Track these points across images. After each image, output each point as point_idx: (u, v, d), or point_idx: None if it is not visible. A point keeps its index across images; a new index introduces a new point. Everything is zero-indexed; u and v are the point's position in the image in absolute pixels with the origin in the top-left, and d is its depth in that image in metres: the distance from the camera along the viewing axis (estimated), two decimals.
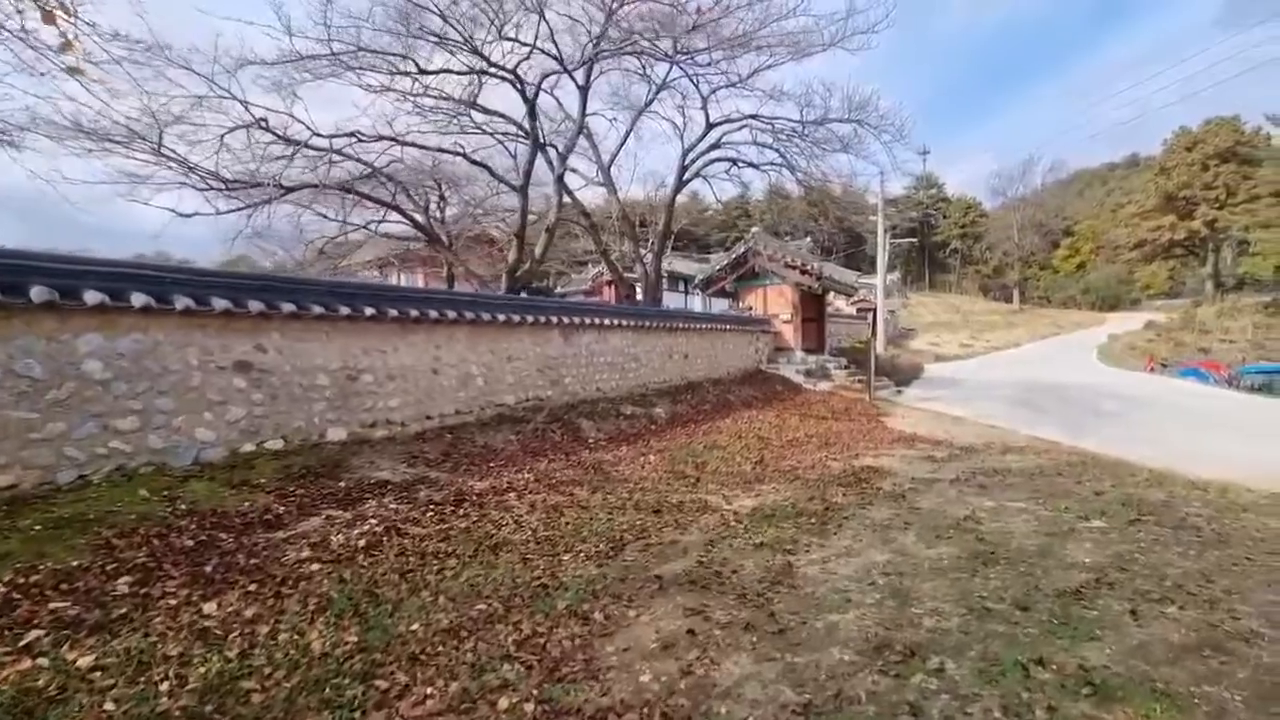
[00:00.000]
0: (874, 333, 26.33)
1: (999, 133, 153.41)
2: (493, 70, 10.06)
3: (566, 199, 14.16)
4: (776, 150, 13.93)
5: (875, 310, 27.53)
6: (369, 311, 6.51)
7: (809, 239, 43.60)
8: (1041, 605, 3.65)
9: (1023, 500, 6.01)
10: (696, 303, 31.20)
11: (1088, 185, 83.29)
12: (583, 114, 11.90)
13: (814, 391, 15.90)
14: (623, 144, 14.46)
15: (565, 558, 4.49)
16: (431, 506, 5.21)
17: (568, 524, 5.16)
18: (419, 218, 11.79)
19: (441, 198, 17.26)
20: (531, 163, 11.36)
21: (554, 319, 9.37)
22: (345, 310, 6.28)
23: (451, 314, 7.51)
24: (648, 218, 19.41)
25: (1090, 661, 3.01)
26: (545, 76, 10.56)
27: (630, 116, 14.29)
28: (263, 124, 9.87)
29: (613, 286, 21.89)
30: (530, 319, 8.87)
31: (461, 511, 5.20)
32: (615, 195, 14.57)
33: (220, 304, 5.31)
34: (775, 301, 18.64)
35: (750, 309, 18.74)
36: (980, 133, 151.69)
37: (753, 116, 13.47)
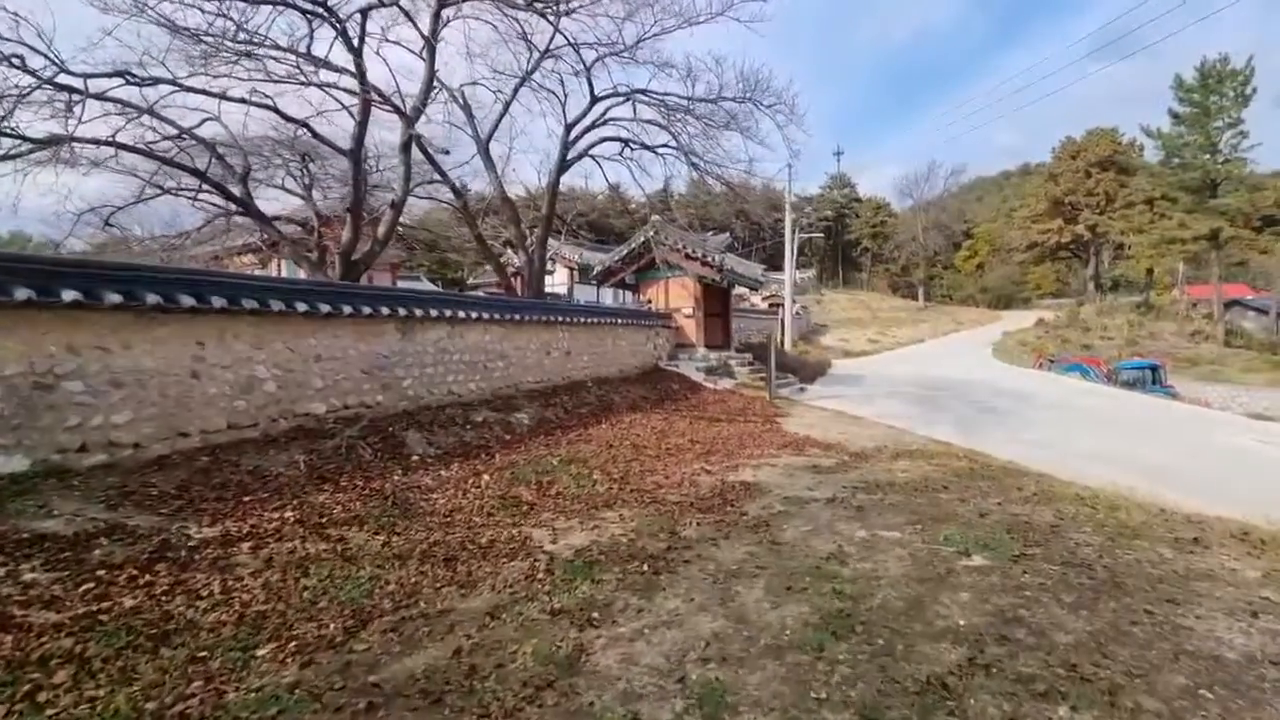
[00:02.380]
0: (782, 328, 26.08)
1: (906, 141, 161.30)
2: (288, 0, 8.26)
3: (437, 177, 12.53)
4: (668, 130, 12.84)
5: (782, 306, 27.25)
6: (69, 296, 4.79)
7: (727, 234, 43.46)
8: (895, 713, 2.61)
9: (900, 527, 5.11)
10: (608, 296, 30.04)
11: (986, 192, 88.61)
12: (430, 69, 10.24)
13: (713, 390, 15.03)
14: (502, 116, 12.90)
15: (263, 651, 3.10)
16: (99, 573, 3.65)
17: (306, 589, 3.76)
18: (235, 189, 9.79)
19: (305, 170, 15.12)
20: (363, 124, 9.66)
21: (387, 310, 7.83)
22: (24, 294, 4.56)
23: (220, 301, 5.85)
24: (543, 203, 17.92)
25: None
26: (366, 11, 8.81)
27: (513, 86, 12.81)
28: (14, 60, 7.73)
29: (517, 278, 20.17)
30: (350, 310, 7.29)
31: (146, 579, 3.68)
32: (494, 173, 13.01)
33: None
34: (677, 295, 17.66)
35: (649, 302, 17.68)
36: (890, 140, 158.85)
37: (641, 91, 12.30)
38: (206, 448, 5.72)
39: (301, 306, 6.67)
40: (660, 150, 13.52)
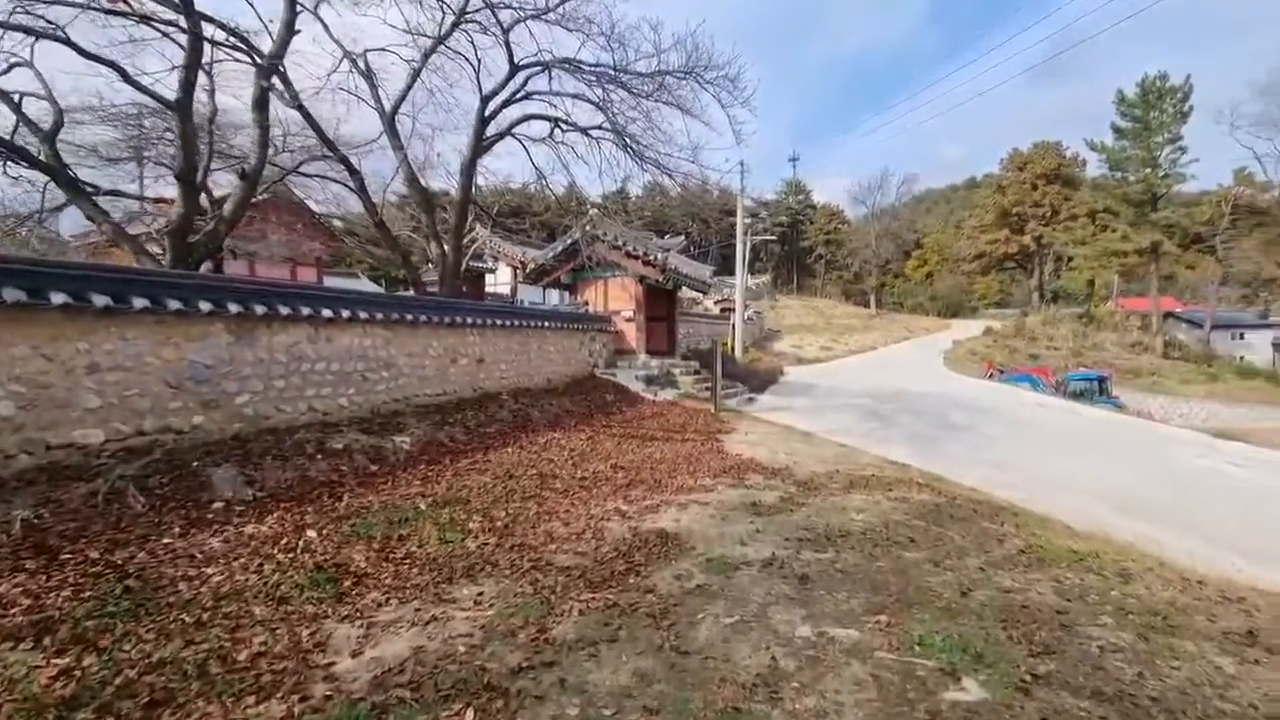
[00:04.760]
0: (734, 334, 24.90)
1: (860, 150, 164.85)
2: None
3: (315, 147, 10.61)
4: (600, 108, 11.28)
5: (732, 312, 26.12)
6: None
7: (682, 238, 42.27)
8: None
9: (858, 618, 3.70)
10: (555, 297, 28.39)
11: (935, 204, 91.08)
12: (292, 6, 8.43)
13: (652, 402, 13.58)
14: (410, 85, 11.10)
15: None
16: None
17: None
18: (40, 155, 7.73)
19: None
20: (192, 67, 7.73)
21: (209, 305, 6.03)
22: None
23: None
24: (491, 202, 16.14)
25: None
26: None
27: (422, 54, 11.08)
28: None
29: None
30: (147, 303, 5.49)
31: None
32: (401, 150, 11.21)
33: None
34: (617, 296, 16.16)
35: (586, 304, 16.12)
36: (844, 150, 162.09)
37: (567, 60, 10.73)
38: None
39: (59, 298, 4.86)
40: (594, 133, 11.98)
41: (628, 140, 11.47)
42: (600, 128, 11.91)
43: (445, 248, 11.92)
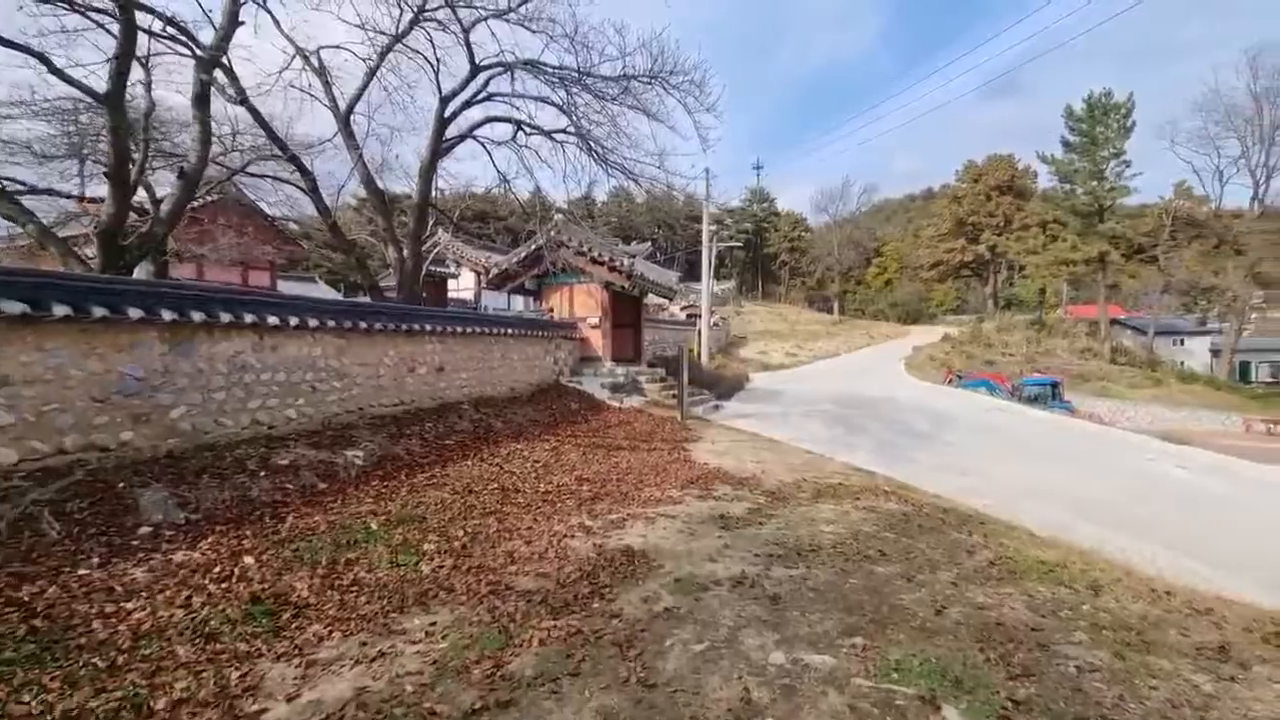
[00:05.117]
0: (700, 340, 24.88)
1: (822, 160, 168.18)
2: None
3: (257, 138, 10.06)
4: (564, 111, 11.05)
5: (699, 318, 26.09)
6: None
7: (649, 244, 42.25)
8: None
9: (832, 641, 3.55)
10: (520, 303, 27.97)
11: (893, 213, 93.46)
12: None
13: (618, 410, 13.38)
14: (366, 84, 10.71)
15: None
16: None
17: None
18: None
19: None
20: (123, 56, 7.24)
21: (140, 312, 5.59)
22: None
23: None
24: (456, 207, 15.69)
25: None
26: None
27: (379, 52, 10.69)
28: None
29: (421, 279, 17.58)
30: (68, 310, 5.04)
31: None
32: (355, 150, 10.80)
33: None
34: (583, 303, 15.92)
35: (551, 310, 15.84)
36: (807, 159, 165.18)
37: (530, 62, 10.50)
38: None
39: None
40: (558, 136, 11.74)
41: (593, 144, 11.28)
42: (564, 131, 11.69)
43: (404, 252, 11.51)
